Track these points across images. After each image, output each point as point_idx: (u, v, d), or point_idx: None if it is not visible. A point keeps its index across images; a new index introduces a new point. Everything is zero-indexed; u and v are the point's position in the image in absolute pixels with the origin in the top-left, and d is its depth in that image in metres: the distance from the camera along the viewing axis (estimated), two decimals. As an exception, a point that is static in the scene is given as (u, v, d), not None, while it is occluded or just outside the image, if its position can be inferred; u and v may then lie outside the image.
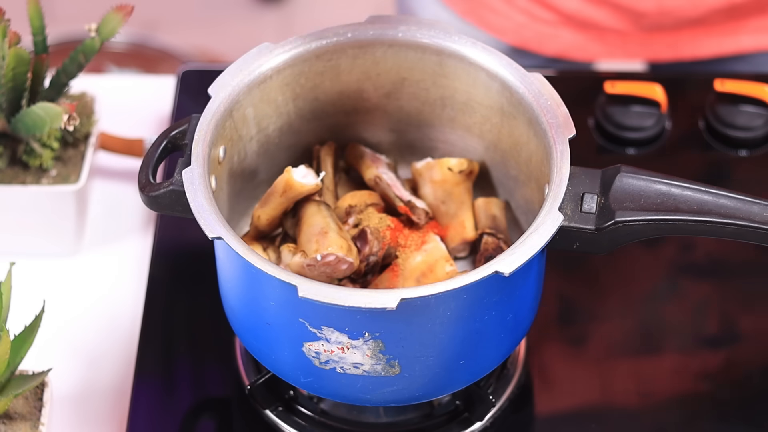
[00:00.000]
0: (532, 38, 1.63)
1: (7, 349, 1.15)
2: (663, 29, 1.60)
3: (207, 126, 1.17)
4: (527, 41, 1.63)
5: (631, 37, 1.62)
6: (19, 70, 1.30)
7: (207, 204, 1.12)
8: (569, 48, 1.63)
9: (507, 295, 1.14)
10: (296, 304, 1.09)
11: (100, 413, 1.31)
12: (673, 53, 1.63)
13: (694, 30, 1.61)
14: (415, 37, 1.24)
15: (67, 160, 1.40)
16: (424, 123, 1.31)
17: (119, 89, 1.59)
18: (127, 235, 1.47)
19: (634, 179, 1.14)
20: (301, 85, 1.26)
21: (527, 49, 1.64)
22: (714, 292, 1.36)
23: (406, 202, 1.27)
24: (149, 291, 1.36)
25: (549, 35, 1.62)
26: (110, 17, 1.34)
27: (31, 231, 1.41)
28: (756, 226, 1.12)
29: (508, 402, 1.28)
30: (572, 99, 1.22)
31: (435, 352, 1.13)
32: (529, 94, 1.19)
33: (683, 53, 1.63)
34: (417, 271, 1.23)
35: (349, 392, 1.17)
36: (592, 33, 1.61)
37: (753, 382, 1.30)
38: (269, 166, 1.29)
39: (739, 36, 1.62)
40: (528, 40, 1.63)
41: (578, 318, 1.35)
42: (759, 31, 1.61)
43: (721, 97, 1.49)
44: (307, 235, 1.20)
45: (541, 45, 1.63)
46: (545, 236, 1.09)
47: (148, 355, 1.32)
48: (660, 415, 1.27)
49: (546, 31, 1.62)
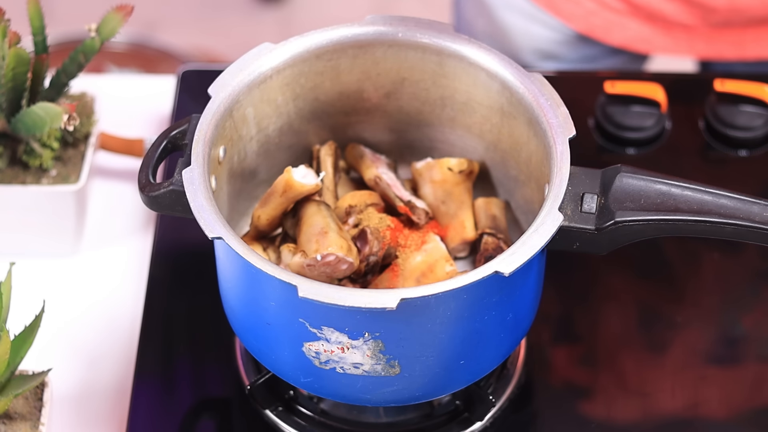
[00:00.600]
0: (600, 26, 1.61)
1: (7, 349, 1.15)
2: (730, 27, 1.59)
3: (207, 126, 1.17)
4: (594, 28, 1.62)
5: (697, 33, 1.60)
6: (19, 70, 1.30)
7: (207, 204, 1.12)
8: (635, 39, 1.62)
9: (507, 295, 1.14)
10: (296, 304, 1.09)
11: (100, 413, 1.31)
12: (737, 52, 1.61)
13: (760, 30, 1.59)
14: (415, 37, 1.24)
15: (67, 160, 1.40)
16: (424, 123, 1.31)
17: (119, 89, 1.59)
18: (127, 235, 1.46)
19: (634, 179, 1.14)
20: (301, 85, 1.26)
21: (593, 36, 1.63)
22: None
23: (406, 202, 1.27)
24: (149, 291, 1.36)
25: (617, 24, 1.61)
26: (110, 17, 1.34)
27: (31, 231, 1.41)
28: (756, 226, 1.12)
29: (508, 402, 1.28)
30: (572, 99, 1.22)
31: (435, 352, 1.13)
32: (529, 94, 1.19)
33: (748, 53, 1.61)
34: (417, 271, 1.23)
35: (349, 392, 1.17)
36: (659, 25, 1.60)
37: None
38: (269, 166, 1.29)
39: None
40: (595, 27, 1.62)
41: (578, 318, 1.35)
42: None
43: (721, 97, 1.49)
44: (307, 235, 1.20)
45: (607, 33, 1.62)
46: (545, 236, 1.09)
47: (148, 355, 1.32)
48: (660, 415, 1.27)
49: (614, 19, 1.61)
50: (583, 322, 1.35)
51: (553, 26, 1.64)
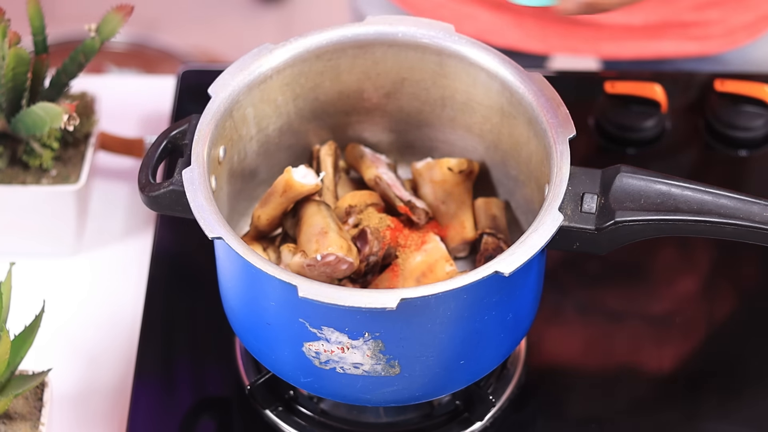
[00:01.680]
0: (449, 18, 1.58)
1: (7, 349, 1.15)
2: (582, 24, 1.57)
3: (207, 126, 1.17)
4: (444, 21, 1.60)
5: (549, 24, 1.58)
6: (19, 70, 1.30)
7: (207, 204, 1.12)
8: (486, 31, 1.59)
9: (507, 295, 1.14)
10: (296, 304, 1.09)
11: (100, 413, 1.31)
12: (592, 49, 1.59)
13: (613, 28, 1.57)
14: (415, 37, 1.24)
15: (67, 160, 1.40)
16: (424, 123, 1.31)
17: (119, 89, 1.59)
18: (127, 235, 1.47)
19: (634, 179, 1.14)
20: (301, 85, 1.26)
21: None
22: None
23: (406, 202, 1.27)
24: (149, 291, 1.36)
25: (466, 15, 1.58)
26: (110, 17, 1.34)
27: (31, 231, 1.41)
28: (756, 226, 1.12)
29: (508, 402, 1.28)
30: (572, 99, 1.22)
31: (435, 352, 1.13)
32: (529, 94, 1.19)
33: (603, 51, 1.59)
34: (417, 271, 1.23)
35: (349, 392, 1.17)
36: (510, 15, 1.58)
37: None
38: (269, 166, 1.29)
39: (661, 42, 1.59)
40: (445, 19, 1.60)
41: (578, 318, 1.35)
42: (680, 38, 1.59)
43: (721, 97, 1.49)
44: (307, 235, 1.20)
45: (458, 25, 1.59)
46: (545, 236, 1.09)
47: (148, 355, 1.32)
48: (660, 415, 1.27)
49: (463, 10, 1.59)
50: (583, 321, 1.35)
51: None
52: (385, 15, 1.25)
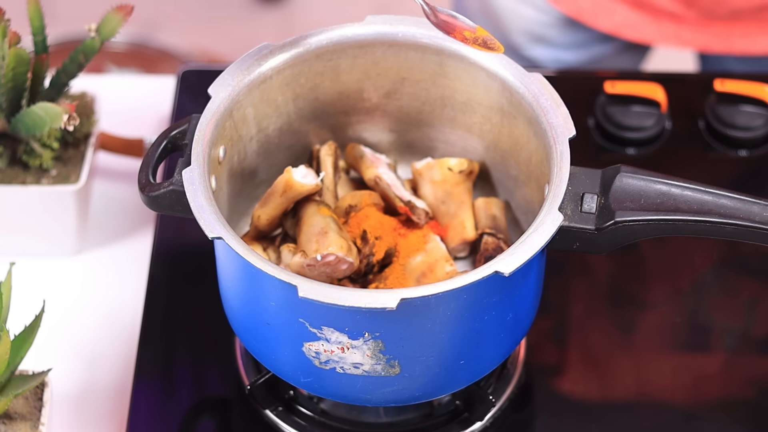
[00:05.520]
0: (587, 9, 1.60)
1: (7, 349, 1.15)
2: (716, 18, 1.58)
3: (207, 126, 1.17)
4: (582, 11, 1.61)
5: (684, 23, 1.59)
6: (19, 70, 1.30)
7: (207, 204, 1.12)
8: (622, 25, 1.60)
9: (507, 295, 1.14)
10: (296, 304, 1.09)
11: (100, 413, 1.31)
12: (725, 46, 1.60)
13: (748, 24, 1.58)
14: (415, 37, 1.24)
15: (67, 160, 1.40)
16: (424, 123, 1.31)
17: (119, 89, 1.59)
18: (127, 235, 1.47)
19: (634, 179, 1.14)
20: (301, 85, 1.26)
21: (581, 19, 1.61)
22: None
23: (406, 202, 1.27)
24: (149, 291, 1.36)
25: (604, 8, 1.60)
26: (110, 17, 1.34)
27: (31, 231, 1.41)
28: (756, 226, 1.12)
29: (508, 402, 1.28)
30: (572, 99, 1.22)
31: (435, 352, 1.13)
32: (529, 94, 1.19)
33: (736, 47, 1.60)
34: (417, 271, 1.23)
35: (349, 392, 1.17)
36: (646, 12, 1.59)
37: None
38: (269, 166, 1.29)
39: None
40: (583, 10, 1.60)
41: (578, 318, 1.35)
42: None
43: (721, 97, 1.49)
44: (307, 235, 1.20)
45: (594, 17, 1.60)
46: (545, 236, 1.09)
47: (148, 355, 1.32)
48: (661, 414, 1.27)
49: (602, 3, 1.60)
50: (583, 322, 1.35)
51: (542, 8, 1.63)
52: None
